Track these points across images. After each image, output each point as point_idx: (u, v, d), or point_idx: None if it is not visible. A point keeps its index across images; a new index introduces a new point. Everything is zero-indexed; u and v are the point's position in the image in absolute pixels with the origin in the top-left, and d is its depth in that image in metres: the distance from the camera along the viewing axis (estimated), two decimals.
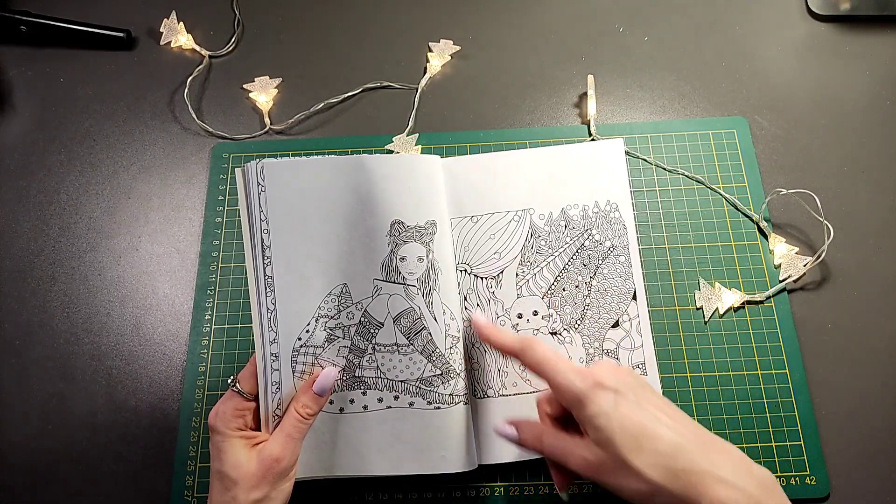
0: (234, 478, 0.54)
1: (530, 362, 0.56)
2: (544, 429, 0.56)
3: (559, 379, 0.52)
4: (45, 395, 0.72)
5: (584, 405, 0.51)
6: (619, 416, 0.49)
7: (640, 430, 0.49)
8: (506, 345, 0.59)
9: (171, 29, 0.88)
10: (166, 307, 0.75)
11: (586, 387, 0.51)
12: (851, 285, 0.72)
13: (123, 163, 0.82)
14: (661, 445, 0.48)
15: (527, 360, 0.56)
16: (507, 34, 0.88)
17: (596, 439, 0.50)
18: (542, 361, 0.55)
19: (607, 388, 0.51)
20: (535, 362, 0.55)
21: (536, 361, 0.55)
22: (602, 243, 0.70)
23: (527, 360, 0.56)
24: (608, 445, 0.49)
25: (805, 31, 0.86)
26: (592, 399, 0.50)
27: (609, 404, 0.50)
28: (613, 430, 0.49)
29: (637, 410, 0.50)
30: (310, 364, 0.62)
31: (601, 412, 0.50)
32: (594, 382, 0.51)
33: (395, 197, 0.63)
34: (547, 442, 0.54)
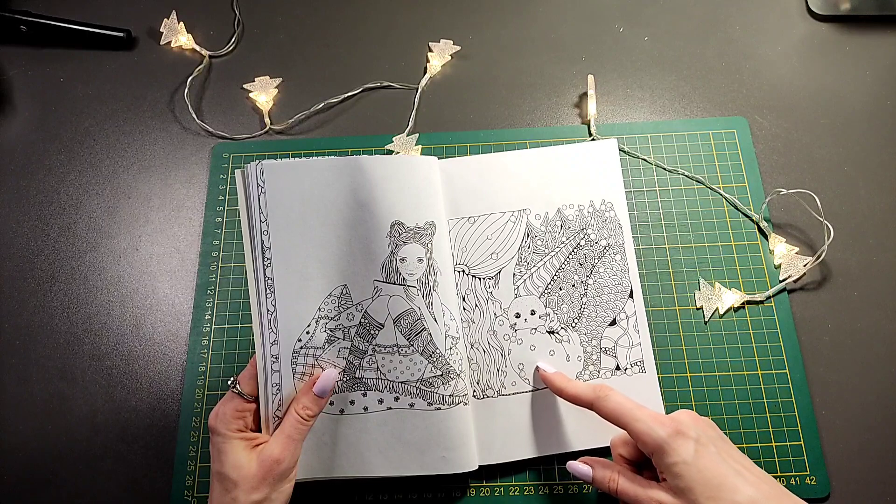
0: (234, 479, 0.54)
1: (606, 411, 0.57)
2: (620, 469, 0.57)
3: (640, 427, 0.53)
4: (46, 395, 0.72)
5: (664, 453, 0.52)
6: (699, 465, 0.51)
7: (720, 481, 0.50)
8: (579, 396, 0.60)
9: (171, 29, 0.88)
10: (166, 307, 0.75)
11: (667, 435, 0.52)
12: (851, 285, 0.72)
13: (123, 163, 0.82)
14: (739, 497, 0.49)
15: (602, 409, 0.57)
16: (507, 34, 0.88)
17: (674, 487, 0.51)
18: (619, 410, 0.56)
19: (688, 437, 0.52)
20: (611, 411, 0.56)
21: (613, 410, 0.56)
22: (598, 242, 0.70)
23: (602, 410, 0.57)
24: (686, 494, 0.51)
25: (805, 31, 0.86)
26: (673, 447, 0.51)
27: (689, 453, 0.51)
28: (693, 478, 0.50)
29: (717, 461, 0.51)
30: (310, 365, 0.62)
31: (681, 461, 0.51)
32: (676, 431, 0.52)
33: (394, 198, 0.63)
34: (622, 484, 0.55)
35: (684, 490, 0.51)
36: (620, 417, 0.55)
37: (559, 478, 0.66)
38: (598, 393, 0.58)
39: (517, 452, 0.65)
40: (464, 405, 0.64)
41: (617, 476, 0.56)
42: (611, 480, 0.56)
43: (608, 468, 0.57)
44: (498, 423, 0.66)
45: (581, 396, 0.59)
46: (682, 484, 0.51)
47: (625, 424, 0.55)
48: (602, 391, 0.57)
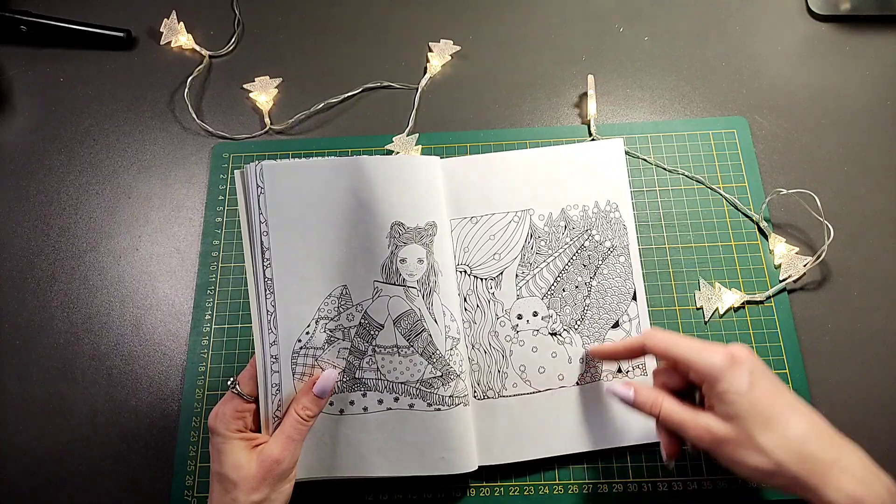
0: (234, 479, 0.54)
1: (657, 349, 0.56)
2: (664, 395, 0.56)
3: (693, 355, 0.53)
4: (46, 395, 0.72)
5: (718, 380, 0.52)
6: (753, 396, 0.51)
7: (773, 412, 0.50)
8: (629, 347, 0.60)
9: (171, 29, 0.88)
10: (166, 307, 0.75)
11: (723, 362, 0.52)
12: (851, 285, 0.72)
13: (123, 163, 0.82)
14: (792, 429, 0.50)
15: (652, 347, 0.57)
16: (507, 34, 0.88)
17: (725, 414, 0.51)
18: (668, 343, 0.55)
19: (743, 367, 0.52)
20: (662, 348, 0.56)
21: (664, 347, 0.56)
22: (602, 244, 0.70)
23: (652, 348, 0.57)
24: (738, 420, 0.51)
25: (805, 31, 0.86)
26: (728, 376, 0.51)
27: (744, 383, 0.51)
28: (746, 408, 0.50)
29: (771, 392, 0.51)
30: (310, 366, 0.62)
31: (735, 389, 0.51)
32: (731, 359, 0.52)
33: (394, 198, 0.63)
34: (666, 407, 0.55)
35: (736, 417, 0.51)
36: (671, 349, 0.55)
37: (559, 478, 0.66)
38: (643, 339, 0.58)
39: (517, 454, 0.65)
40: (464, 406, 0.64)
41: (661, 400, 0.55)
42: (654, 404, 0.56)
43: (652, 392, 0.56)
44: (498, 424, 0.66)
45: (631, 348, 0.60)
46: (735, 412, 0.51)
47: (677, 355, 0.55)
48: (647, 335, 0.57)
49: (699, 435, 0.52)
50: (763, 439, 0.50)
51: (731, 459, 0.51)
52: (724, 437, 0.51)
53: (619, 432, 0.66)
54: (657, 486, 0.65)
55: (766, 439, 0.49)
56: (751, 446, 0.50)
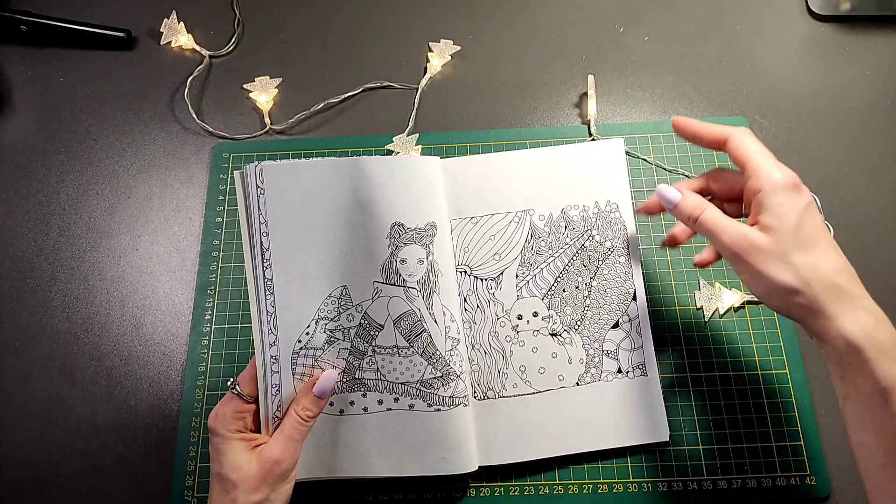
0: (233, 480, 0.54)
1: (737, 151, 0.56)
2: (707, 202, 0.57)
3: (767, 165, 0.53)
4: (46, 395, 0.72)
5: (778, 193, 0.52)
6: (805, 217, 0.51)
7: (815, 238, 0.51)
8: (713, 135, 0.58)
9: (172, 29, 0.88)
10: (166, 307, 0.75)
11: (789, 180, 0.52)
12: None
13: (123, 163, 0.82)
14: (828, 260, 0.51)
15: (734, 145, 0.56)
16: (507, 34, 0.88)
17: (768, 224, 0.52)
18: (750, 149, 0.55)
19: (805, 195, 0.52)
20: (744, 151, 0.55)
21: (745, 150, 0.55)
22: (602, 244, 0.70)
23: (733, 149, 0.56)
24: (779, 234, 0.51)
25: (805, 31, 0.86)
26: (789, 192, 0.52)
27: (801, 204, 0.52)
28: (793, 224, 0.51)
29: (820, 224, 0.52)
30: (310, 366, 0.62)
31: (790, 205, 0.51)
32: (794, 183, 0.52)
33: (394, 199, 0.63)
34: (709, 211, 0.55)
35: (777, 231, 0.51)
36: (749, 153, 0.55)
37: (559, 478, 0.66)
38: (732, 133, 0.57)
39: (517, 454, 0.65)
40: (464, 406, 0.64)
41: (704, 205, 0.56)
42: (695, 206, 0.56)
43: (697, 197, 0.57)
44: (498, 424, 0.66)
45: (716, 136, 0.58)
46: (780, 225, 0.51)
47: (752, 160, 0.54)
48: (737, 131, 0.56)
49: (735, 239, 0.53)
50: (797, 257, 0.50)
51: (756, 270, 0.51)
52: (760, 244, 0.51)
53: (619, 432, 0.66)
54: (657, 486, 0.65)
55: (801, 258, 0.50)
56: (783, 260, 0.50)
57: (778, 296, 0.51)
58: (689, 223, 0.57)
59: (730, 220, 0.54)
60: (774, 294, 0.52)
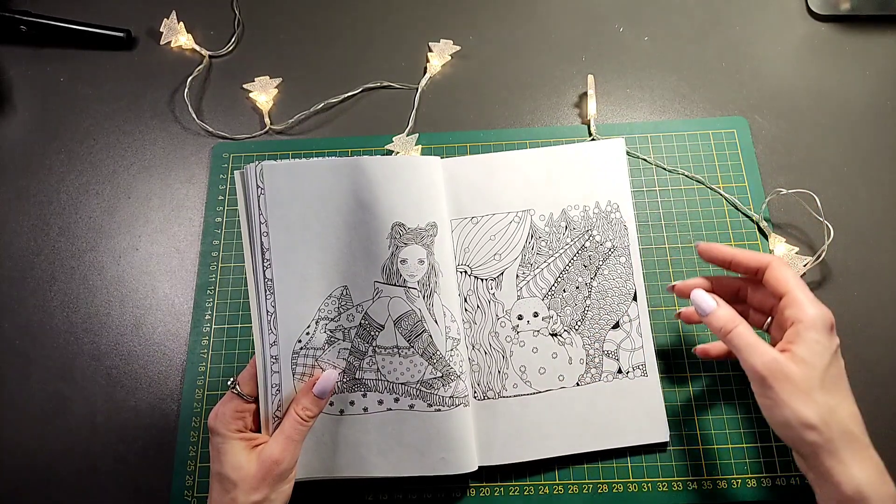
0: (233, 479, 0.54)
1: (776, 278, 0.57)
2: (740, 318, 0.57)
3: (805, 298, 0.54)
4: (45, 394, 0.72)
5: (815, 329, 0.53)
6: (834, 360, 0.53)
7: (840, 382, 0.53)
8: (750, 263, 0.59)
9: (171, 29, 0.88)
10: (166, 307, 0.75)
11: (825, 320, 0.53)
12: (851, 285, 0.72)
13: (123, 163, 0.82)
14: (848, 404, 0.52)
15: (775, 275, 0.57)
16: (507, 34, 0.88)
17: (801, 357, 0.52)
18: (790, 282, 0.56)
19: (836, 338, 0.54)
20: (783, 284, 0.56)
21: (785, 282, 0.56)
22: (603, 244, 0.70)
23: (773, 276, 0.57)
24: (811, 368, 0.52)
25: (805, 31, 0.86)
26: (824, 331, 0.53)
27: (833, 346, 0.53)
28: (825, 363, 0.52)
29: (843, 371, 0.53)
30: (310, 366, 0.62)
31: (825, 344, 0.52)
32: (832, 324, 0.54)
33: (395, 199, 0.63)
34: (742, 328, 0.55)
35: (810, 367, 0.51)
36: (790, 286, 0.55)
37: (559, 478, 0.66)
38: (772, 262, 0.57)
39: (517, 454, 0.65)
40: (464, 406, 0.64)
41: (738, 321, 0.56)
42: (731, 321, 0.56)
43: (731, 312, 0.57)
44: (498, 424, 0.66)
45: (752, 264, 0.59)
46: (812, 360, 0.52)
47: (792, 295, 0.55)
48: (777, 261, 0.57)
49: (766, 363, 0.52)
50: (821, 396, 0.51)
51: (781, 399, 0.52)
52: (791, 374, 0.52)
53: (620, 433, 0.66)
54: (657, 486, 0.65)
55: (824, 398, 0.51)
56: (809, 395, 0.51)
57: (794, 428, 0.51)
58: (720, 334, 0.57)
59: (761, 343, 0.54)
60: (791, 425, 0.51)
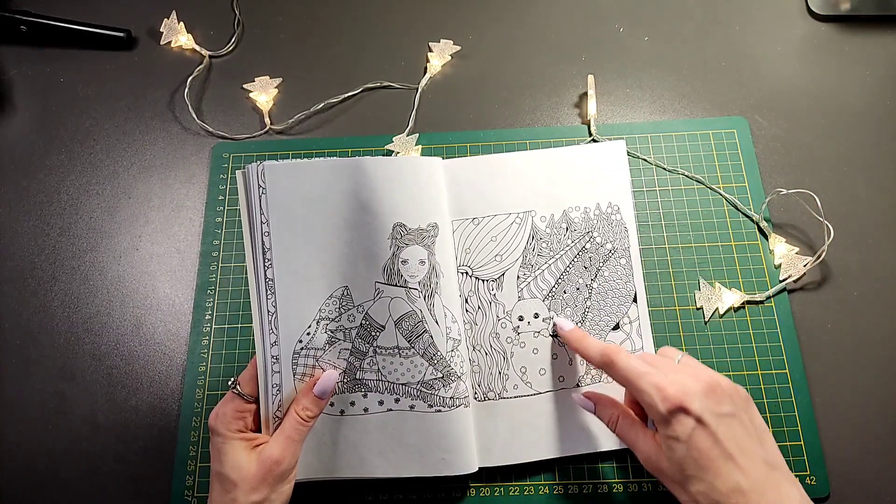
0: (234, 479, 0.55)
1: (615, 376, 0.57)
2: (622, 413, 0.59)
3: (644, 397, 0.54)
4: (46, 394, 0.72)
5: (662, 424, 0.53)
6: (691, 444, 0.51)
7: (706, 464, 0.51)
8: (590, 356, 0.61)
9: (171, 29, 0.88)
10: (166, 307, 0.75)
11: (667, 411, 0.52)
12: (851, 285, 0.72)
13: (123, 163, 0.82)
14: (720, 483, 0.50)
15: (612, 373, 0.58)
16: (507, 34, 0.88)
17: (667, 455, 0.53)
18: (626, 375, 0.56)
19: (689, 415, 0.52)
20: (620, 377, 0.57)
21: (621, 376, 0.57)
22: (603, 245, 0.70)
23: (612, 374, 0.58)
24: (672, 463, 0.52)
25: (805, 31, 0.86)
26: (671, 423, 0.52)
27: (685, 432, 0.52)
28: (682, 455, 0.52)
29: (711, 444, 0.51)
30: (311, 366, 0.62)
31: (675, 436, 0.52)
32: (676, 407, 0.52)
33: (396, 199, 0.63)
34: (621, 427, 0.58)
35: (672, 461, 0.52)
36: (628, 384, 0.56)
37: (559, 478, 0.66)
38: (604, 359, 0.58)
39: (518, 455, 0.65)
40: (464, 407, 0.64)
41: (618, 417, 0.59)
42: (610, 421, 0.59)
43: (612, 407, 0.60)
44: (499, 425, 0.66)
45: (591, 357, 0.61)
46: (672, 456, 0.52)
47: (630, 387, 0.56)
48: (609, 355, 0.57)
49: (643, 457, 0.55)
50: (691, 487, 0.51)
51: (669, 488, 0.54)
52: (661, 470, 0.54)
53: None
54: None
55: (694, 488, 0.51)
56: (683, 487, 0.52)
57: None
58: (610, 428, 0.59)
59: (641, 439, 0.56)
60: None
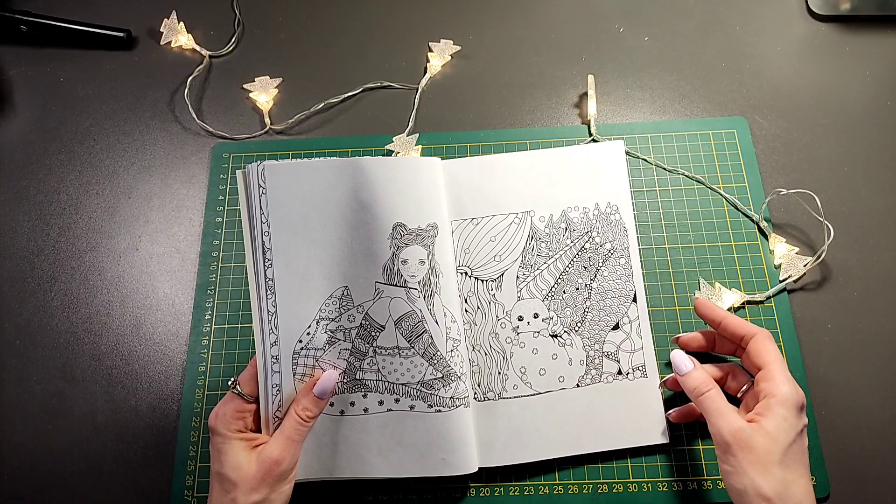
0: (233, 479, 0.55)
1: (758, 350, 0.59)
2: (714, 383, 0.60)
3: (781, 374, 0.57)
4: (46, 394, 0.72)
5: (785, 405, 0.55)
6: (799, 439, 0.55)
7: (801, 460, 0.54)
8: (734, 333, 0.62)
9: (172, 29, 0.88)
10: (166, 307, 0.75)
11: (797, 399, 0.56)
12: (851, 285, 0.72)
13: (123, 163, 0.82)
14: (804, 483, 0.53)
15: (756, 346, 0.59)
16: (507, 34, 0.88)
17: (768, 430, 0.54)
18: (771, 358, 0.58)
19: (804, 418, 0.56)
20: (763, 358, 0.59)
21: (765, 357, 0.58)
22: (602, 245, 0.70)
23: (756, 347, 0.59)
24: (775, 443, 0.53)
25: (805, 31, 0.86)
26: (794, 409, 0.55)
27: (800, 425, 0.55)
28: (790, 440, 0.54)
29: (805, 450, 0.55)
30: (310, 366, 0.62)
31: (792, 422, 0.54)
32: (802, 404, 0.56)
33: (396, 199, 0.63)
34: (713, 393, 0.58)
35: (774, 441, 0.53)
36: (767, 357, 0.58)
37: (559, 479, 0.66)
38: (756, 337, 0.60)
39: (517, 455, 0.65)
40: (464, 407, 0.64)
41: (711, 386, 0.59)
42: (703, 384, 0.59)
43: (705, 376, 0.60)
44: (498, 425, 0.66)
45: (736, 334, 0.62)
46: (778, 436, 0.53)
47: (768, 363, 0.57)
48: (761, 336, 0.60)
49: (733, 430, 0.55)
50: (780, 472, 0.52)
51: (742, 467, 0.53)
52: (755, 445, 0.54)
53: (620, 434, 0.66)
54: (657, 486, 0.65)
55: (783, 474, 0.52)
56: (769, 468, 0.53)
57: (749, 497, 0.53)
58: (693, 395, 0.60)
59: (730, 410, 0.57)
60: (748, 494, 0.53)
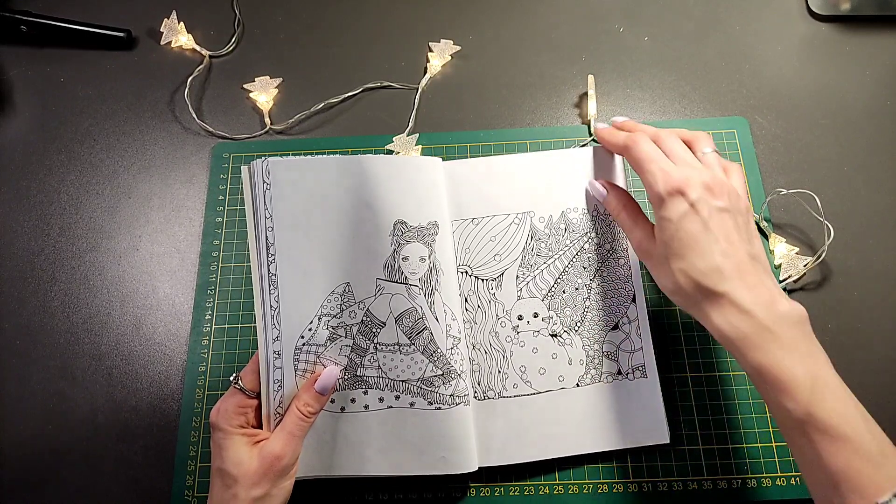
0: (234, 475, 0.55)
1: (630, 157, 0.61)
2: (628, 202, 0.64)
3: (648, 177, 0.58)
4: (46, 394, 0.72)
5: (658, 206, 0.57)
6: (681, 225, 0.55)
7: (691, 243, 0.55)
8: (614, 144, 0.64)
9: (172, 29, 0.88)
10: (166, 307, 0.75)
11: (665, 191, 0.56)
12: (851, 285, 0.72)
13: (123, 163, 0.82)
14: (701, 262, 0.54)
15: (629, 155, 0.61)
16: (507, 34, 0.88)
17: (656, 234, 0.58)
18: (639, 157, 0.59)
19: (685, 198, 0.55)
20: (633, 158, 0.60)
21: (634, 157, 0.60)
22: (602, 246, 0.70)
23: (628, 156, 0.61)
24: (661, 243, 0.57)
25: (805, 31, 0.86)
26: (666, 203, 0.56)
27: (677, 212, 0.55)
28: (670, 234, 0.56)
29: (699, 228, 0.55)
30: (312, 362, 0.62)
31: (667, 216, 0.56)
32: (676, 189, 0.56)
33: (397, 197, 0.64)
34: (625, 214, 0.63)
35: (661, 240, 0.57)
36: (638, 164, 0.59)
37: (559, 479, 0.66)
38: (628, 142, 0.61)
39: (517, 455, 0.65)
40: (464, 405, 0.64)
41: (624, 206, 0.63)
42: (617, 207, 0.64)
43: (622, 196, 0.64)
44: (498, 424, 0.66)
45: (615, 145, 0.64)
46: (662, 236, 0.57)
47: (639, 171, 0.59)
48: (632, 140, 0.61)
49: (637, 244, 0.61)
50: (675, 263, 0.55)
51: (653, 273, 0.59)
52: (649, 252, 0.59)
53: (620, 434, 0.66)
54: (657, 486, 0.65)
55: (677, 265, 0.55)
56: (665, 266, 0.56)
57: (670, 294, 0.57)
58: (614, 215, 0.65)
59: (637, 226, 0.61)
60: (667, 293, 0.58)
